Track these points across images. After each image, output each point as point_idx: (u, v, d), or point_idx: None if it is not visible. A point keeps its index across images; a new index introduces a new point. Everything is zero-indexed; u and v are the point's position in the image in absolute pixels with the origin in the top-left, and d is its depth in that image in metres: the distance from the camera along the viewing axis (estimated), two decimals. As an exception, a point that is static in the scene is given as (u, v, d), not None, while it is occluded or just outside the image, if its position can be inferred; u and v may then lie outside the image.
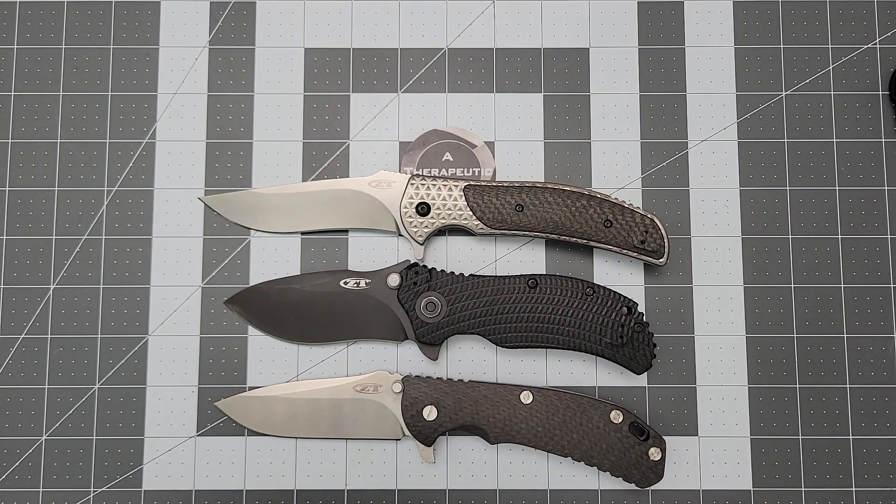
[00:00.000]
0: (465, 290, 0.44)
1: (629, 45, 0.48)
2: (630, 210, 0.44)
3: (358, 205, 0.46)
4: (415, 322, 0.44)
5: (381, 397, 0.44)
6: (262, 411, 0.45)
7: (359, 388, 0.44)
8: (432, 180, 0.45)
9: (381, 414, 0.44)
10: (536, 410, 0.43)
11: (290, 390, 0.45)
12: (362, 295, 0.45)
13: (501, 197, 0.44)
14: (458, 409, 0.43)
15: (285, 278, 0.46)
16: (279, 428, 0.45)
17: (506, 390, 0.44)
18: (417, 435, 0.44)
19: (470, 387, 0.44)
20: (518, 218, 0.44)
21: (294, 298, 0.45)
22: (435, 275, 0.44)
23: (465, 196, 0.45)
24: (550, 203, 0.44)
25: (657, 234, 0.44)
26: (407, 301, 0.44)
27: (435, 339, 0.44)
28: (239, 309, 0.46)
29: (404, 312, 0.44)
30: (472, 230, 0.45)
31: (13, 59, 0.48)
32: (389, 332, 0.45)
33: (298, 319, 0.45)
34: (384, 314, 0.45)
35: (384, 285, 0.45)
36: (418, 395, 0.44)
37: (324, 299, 0.45)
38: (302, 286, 0.45)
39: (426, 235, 0.45)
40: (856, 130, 0.48)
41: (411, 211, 0.45)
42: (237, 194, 0.47)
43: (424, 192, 0.45)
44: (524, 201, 0.44)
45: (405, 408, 0.44)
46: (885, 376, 0.46)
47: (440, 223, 0.45)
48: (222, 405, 0.45)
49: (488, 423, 0.43)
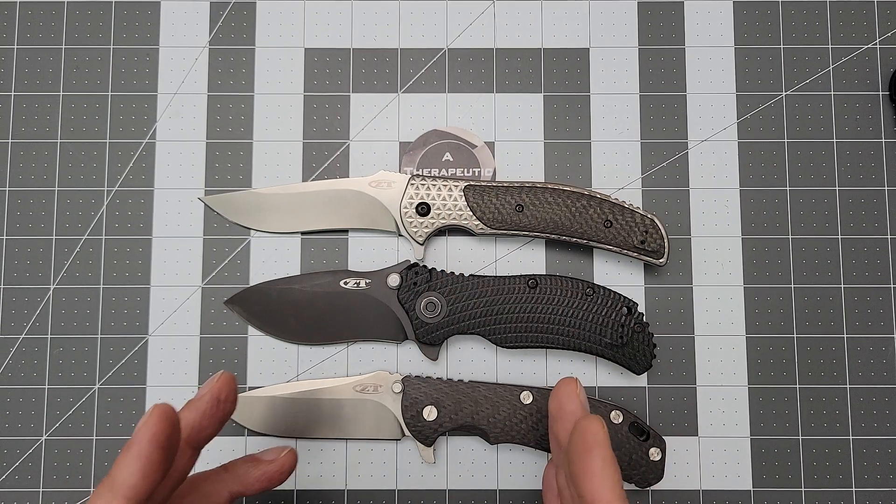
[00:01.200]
0: (465, 290, 0.44)
1: (629, 45, 0.48)
2: (630, 210, 0.44)
3: (358, 205, 0.46)
4: (415, 322, 0.44)
5: (380, 397, 0.44)
6: (262, 411, 0.45)
7: (359, 388, 0.44)
8: (432, 180, 0.45)
9: (380, 414, 0.44)
10: (536, 410, 0.43)
11: (290, 390, 0.45)
12: (362, 295, 0.45)
13: (501, 197, 0.44)
14: (458, 410, 0.43)
15: (285, 278, 0.46)
16: (279, 428, 0.45)
17: (506, 390, 0.44)
18: (417, 435, 0.44)
19: (470, 387, 0.44)
20: (518, 218, 0.44)
21: (294, 298, 0.45)
22: (435, 275, 0.44)
23: (465, 196, 0.45)
24: (550, 203, 0.44)
25: (657, 234, 0.44)
26: (407, 301, 0.44)
27: (435, 339, 0.44)
28: (239, 309, 0.46)
29: (404, 312, 0.44)
30: (472, 230, 0.45)
31: (13, 59, 0.48)
32: (389, 333, 0.45)
33: (298, 319, 0.45)
34: (384, 314, 0.45)
35: (384, 285, 0.45)
36: (418, 396, 0.44)
37: (324, 299, 0.45)
38: (302, 286, 0.45)
39: (426, 235, 0.45)
40: (856, 130, 0.48)
41: (411, 211, 0.45)
42: (237, 194, 0.47)
43: (424, 192, 0.45)
44: (524, 201, 0.44)
45: (405, 408, 0.44)
46: (885, 376, 0.46)
47: (440, 223, 0.45)
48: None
49: (488, 424, 0.43)
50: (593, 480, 0.33)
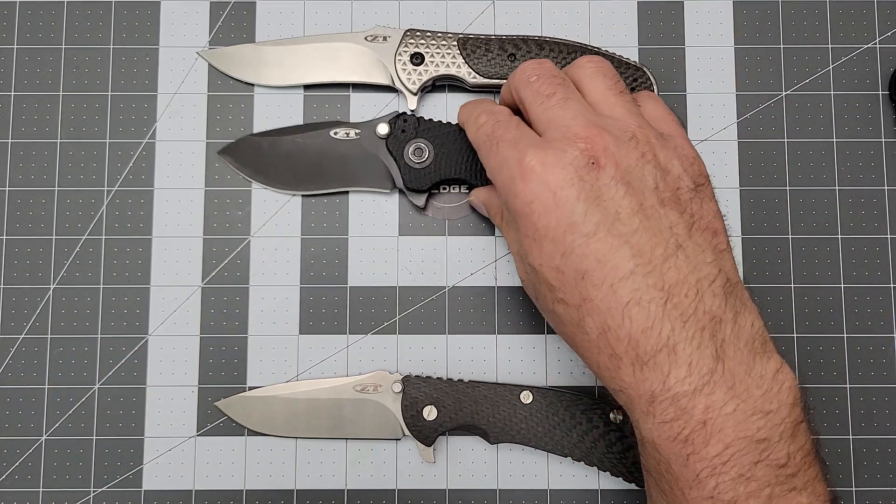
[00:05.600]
0: (452, 135, 0.45)
1: (629, 45, 0.48)
2: (621, 60, 0.45)
3: (353, 58, 0.47)
4: (403, 168, 0.45)
5: (380, 397, 0.44)
6: (261, 411, 0.45)
7: (359, 387, 0.44)
8: (427, 33, 0.46)
9: (380, 414, 0.44)
10: (536, 410, 0.43)
11: (290, 390, 0.45)
12: (352, 144, 0.46)
13: (494, 47, 0.46)
14: (457, 409, 0.43)
15: (277, 129, 0.47)
16: (279, 428, 0.45)
17: (506, 390, 0.44)
18: (417, 435, 0.44)
19: (470, 387, 0.44)
20: (510, 67, 0.45)
21: (286, 149, 0.46)
22: (423, 122, 0.46)
23: (458, 47, 0.46)
24: (543, 52, 0.45)
25: (646, 81, 0.45)
26: (395, 149, 0.45)
27: (422, 184, 0.45)
28: (231, 160, 0.47)
29: (392, 160, 0.45)
30: (466, 80, 0.46)
31: (13, 59, 0.48)
32: (378, 181, 0.46)
33: (290, 168, 0.46)
34: (373, 163, 0.46)
35: (373, 134, 0.46)
36: (418, 395, 0.44)
37: (315, 149, 0.46)
38: (293, 136, 0.46)
39: (420, 84, 0.46)
40: (856, 130, 0.48)
41: (405, 59, 0.46)
42: (237, 48, 0.48)
43: (419, 43, 0.46)
44: (517, 50, 0.45)
45: (405, 408, 0.44)
46: (885, 376, 0.46)
47: (434, 72, 0.46)
48: (222, 405, 0.45)
49: (488, 423, 0.43)
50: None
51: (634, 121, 0.36)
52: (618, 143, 0.34)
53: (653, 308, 0.32)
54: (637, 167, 0.34)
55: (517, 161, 0.35)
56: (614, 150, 0.34)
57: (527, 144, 0.35)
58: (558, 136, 0.35)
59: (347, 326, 0.46)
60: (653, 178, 0.34)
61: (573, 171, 0.33)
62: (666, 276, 0.33)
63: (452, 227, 0.47)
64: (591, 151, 0.34)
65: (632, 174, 0.34)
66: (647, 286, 0.32)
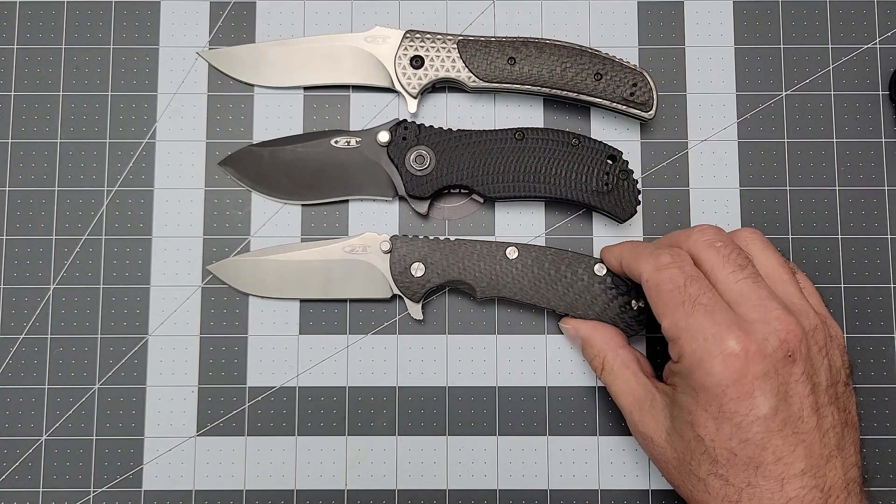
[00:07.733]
0: (453, 142, 0.45)
1: (629, 45, 0.48)
2: (620, 63, 0.45)
3: (353, 60, 0.47)
4: (404, 176, 0.45)
5: (370, 257, 0.45)
6: (252, 274, 0.45)
7: (348, 249, 0.45)
8: (427, 35, 0.46)
9: (369, 273, 0.45)
10: (522, 265, 0.44)
11: (281, 253, 0.45)
12: (353, 153, 0.46)
13: (494, 50, 0.46)
14: (445, 265, 0.44)
15: (277, 139, 0.47)
16: (269, 289, 0.45)
17: (492, 246, 0.45)
18: (406, 291, 0.44)
19: (457, 244, 0.45)
20: (510, 71, 0.45)
21: (286, 158, 0.46)
22: (424, 130, 0.46)
23: (458, 50, 0.45)
24: (542, 55, 0.45)
25: (646, 86, 0.45)
26: (397, 156, 0.45)
27: (424, 191, 0.45)
28: (232, 170, 0.47)
29: (394, 168, 0.45)
30: (465, 83, 0.46)
31: (13, 59, 0.48)
32: (380, 189, 0.46)
33: (291, 178, 0.46)
34: (375, 171, 0.46)
35: (374, 142, 0.46)
36: (406, 253, 0.45)
37: (316, 158, 0.46)
38: (294, 146, 0.46)
39: (419, 87, 0.46)
40: (856, 130, 0.48)
41: (405, 63, 0.46)
42: (238, 48, 0.48)
43: (419, 46, 0.46)
44: (517, 54, 0.45)
45: (393, 265, 0.44)
46: (885, 376, 0.46)
47: (433, 75, 0.46)
48: (214, 268, 0.46)
49: (475, 278, 0.44)
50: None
51: (809, 307, 0.37)
52: (806, 336, 0.36)
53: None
54: (817, 362, 0.36)
55: (716, 339, 0.35)
56: (805, 344, 0.35)
57: (726, 321, 0.35)
58: (757, 318, 0.35)
59: (347, 326, 0.46)
60: (826, 375, 0.36)
61: (772, 364, 0.34)
62: (826, 477, 0.34)
63: (453, 228, 0.47)
64: (789, 344, 0.35)
65: (814, 370, 0.36)
66: (811, 487, 0.34)
